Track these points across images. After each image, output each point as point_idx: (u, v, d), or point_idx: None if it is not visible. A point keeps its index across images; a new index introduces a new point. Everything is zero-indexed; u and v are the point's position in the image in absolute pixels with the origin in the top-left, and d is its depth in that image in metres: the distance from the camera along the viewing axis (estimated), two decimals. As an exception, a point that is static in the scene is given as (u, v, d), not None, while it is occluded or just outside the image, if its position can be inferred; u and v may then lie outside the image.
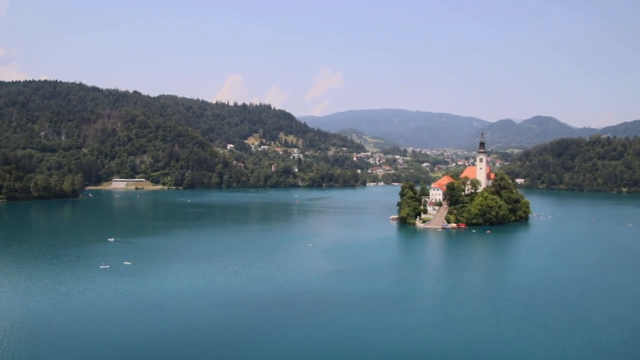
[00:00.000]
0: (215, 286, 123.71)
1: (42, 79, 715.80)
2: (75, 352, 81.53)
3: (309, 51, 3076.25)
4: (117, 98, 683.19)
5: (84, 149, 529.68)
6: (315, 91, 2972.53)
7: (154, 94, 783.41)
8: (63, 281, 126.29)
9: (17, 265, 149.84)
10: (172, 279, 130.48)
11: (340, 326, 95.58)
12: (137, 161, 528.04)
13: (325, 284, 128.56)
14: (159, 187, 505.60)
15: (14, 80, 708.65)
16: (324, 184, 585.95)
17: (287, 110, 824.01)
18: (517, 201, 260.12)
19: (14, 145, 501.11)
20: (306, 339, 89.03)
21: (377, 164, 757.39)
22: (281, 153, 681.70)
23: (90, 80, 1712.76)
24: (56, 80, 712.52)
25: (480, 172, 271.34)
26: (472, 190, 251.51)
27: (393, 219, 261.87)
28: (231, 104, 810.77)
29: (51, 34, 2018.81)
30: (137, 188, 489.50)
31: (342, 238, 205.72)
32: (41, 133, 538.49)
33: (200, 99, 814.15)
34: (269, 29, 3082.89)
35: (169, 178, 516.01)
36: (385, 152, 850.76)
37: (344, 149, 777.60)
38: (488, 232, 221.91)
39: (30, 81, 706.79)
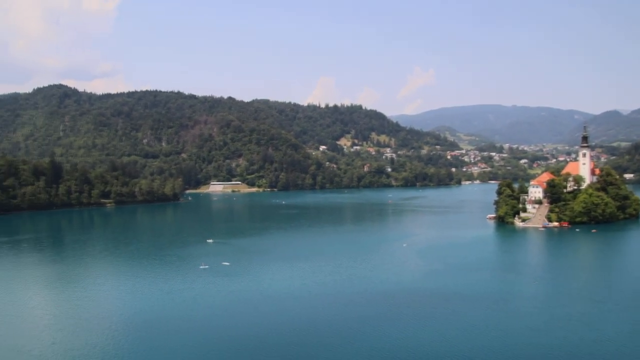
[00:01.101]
0: (310, 286, 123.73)
1: (144, 89, 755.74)
2: (177, 348, 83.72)
3: (401, 50, 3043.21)
4: (212, 104, 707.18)
5: (183, 154, 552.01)
6: (407, 90, 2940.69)
7: (247, 99, 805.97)
8: (166, 280, 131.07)
9: (124, 265, 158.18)
10: (268, 278, 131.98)
11: (436, 328, 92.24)
12: (233, 164, 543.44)
13: (421, 284, 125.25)
14: (254, 189, 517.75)
15: (119, 92, 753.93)
16: (417, 184, 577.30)
17: (378, 110, 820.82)
18: (626, 198, 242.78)
19: (120, 153, 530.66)
20: (401, 339, 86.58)
21: (472, 161, 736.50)
22: (373, 153, 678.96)
23: (187, 88, 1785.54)
24: (156, 90, 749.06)
25: (583, 168, 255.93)
26: (575, 187, 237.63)
27: (490, 218, 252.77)
28: (322, 105, 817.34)
29: (151, 47, 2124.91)
30: (233, 191, 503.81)
31: (437, 238, 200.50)
32: (144, 140, 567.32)
33: (292, 102, 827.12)
34: (360, 30, 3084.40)
35: (264, 180, 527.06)
36: (481, 150, 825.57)
37: (438, 147, 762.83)
38: (594, 231, 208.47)
39: (133, 92, 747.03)
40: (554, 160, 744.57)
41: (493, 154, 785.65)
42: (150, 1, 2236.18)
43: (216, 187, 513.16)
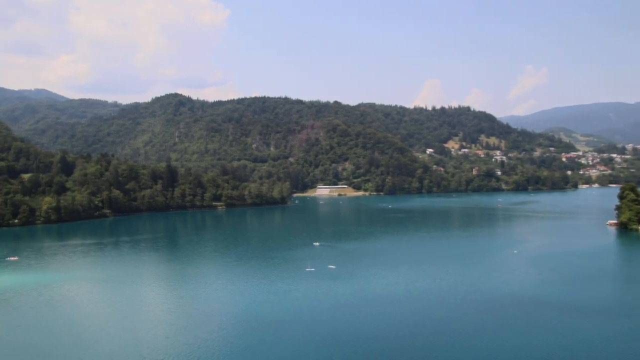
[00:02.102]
0: (415, 291, 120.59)
1: (253, 95, 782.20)
2: (281, 347, 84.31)
3: (512, 50, 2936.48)
4: (319, 109, 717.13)
5: (290, 159, 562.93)
6: (518, 90, 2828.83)
7: (353, 102, 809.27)
8: (272, 281, 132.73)
9: (233, 265, 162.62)
10: (373, 283, 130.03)
11: (551, 341, 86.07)
12: (340, 168, 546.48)
13: (532, 293, 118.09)
14: (360, 193, 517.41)
15: (230, 99, 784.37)
16: (529, 187, 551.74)
17: (487, 112, 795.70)
18: None
19: (230, 157, 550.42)
20: (509, 349, 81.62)
21: (590, 164, 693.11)
22: (482, 156, 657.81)
23: (294, 94, 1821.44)
24: (264, 96, 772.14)
25: None
26: None
27: (611, 225, 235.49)
28: (429, 108, 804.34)
29: (259, 55, 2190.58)
30: (339, 194, 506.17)
31: (551, 245, 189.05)
32: (253, 145, 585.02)
33: (399, 105, 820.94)
34: (467, 31, 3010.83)
35: (370, 184, 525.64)
36: (600, 151, 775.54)
37: (552, 149, 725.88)
38: None
39: (242, 99, 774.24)
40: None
41: (614, 155, 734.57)
42: (257, 12, 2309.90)
43: (323, 191, 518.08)
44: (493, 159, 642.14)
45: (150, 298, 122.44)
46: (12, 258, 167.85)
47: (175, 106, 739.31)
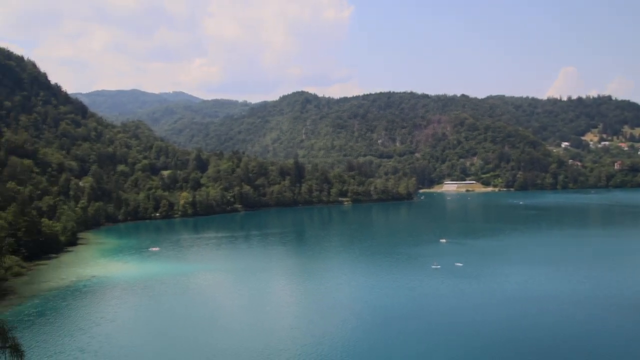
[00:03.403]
0: (545, 292, 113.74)
1: (378, 91, 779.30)
2: (404, 343, 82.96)
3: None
4: (445, 103, 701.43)
5: (416, 154, 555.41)
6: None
7: (481, 95, 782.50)
8: (396, 278, 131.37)
9: (357, 260, 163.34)
10: (502, 282, 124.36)
11: None
12: (467, 163, 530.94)
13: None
14: (489, 188, 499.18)
15: (355, 95, 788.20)
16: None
17: (631, 100, 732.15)
18: None
19: (356, 153, 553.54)
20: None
21: None
22: (626, 149, 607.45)
23: (419, 88, 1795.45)
24: (390, 92, 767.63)
25: None
26: None
27: None
28: (564, 98, 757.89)
29: (383, 50, 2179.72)
30: (467, 190, 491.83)
31: None
32: (378, 141, 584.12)
33: (530, 97, 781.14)
34: (607, 13, 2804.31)
35: (500, 180, 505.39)
36: None
37: None
38: None
39: (367, 94, 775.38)
40: None
41: None
42: (381, 5, 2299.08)
43: (450, 187, 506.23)
44: (639, 152, 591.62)
45: (278, 290, 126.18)
46: (154, 249, 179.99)
47: (301, 104, 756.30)
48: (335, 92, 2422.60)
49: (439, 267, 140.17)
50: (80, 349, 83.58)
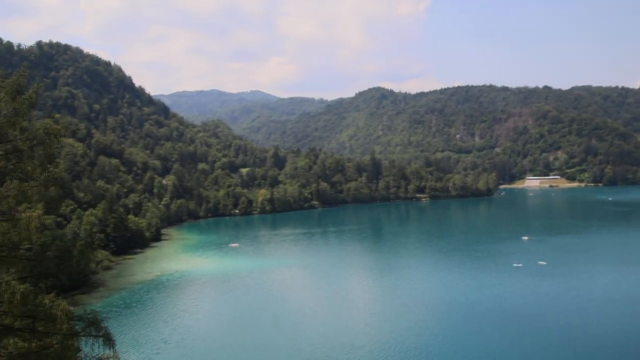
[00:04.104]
0: (636, 294, 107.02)
1: (455, 85, 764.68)
2: (483, 341, 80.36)
3: None
4: (527, 95, 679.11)
5: (496, 149, 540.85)
6: None
7: (565, 86, 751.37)
8: (475, 275, 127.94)
9: (435, 257, 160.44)
10: (588, 282, 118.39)
11: None
12: (551, 158, 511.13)
13: None
14: (575, 184, 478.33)
15: (432, 90, 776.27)
16: None
17: None
18: None
19: (434, 149, 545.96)
20: None
21: None
22: None
23: (499, 80, 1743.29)
24: (468, 85, 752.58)
25: None
26: None
27: None
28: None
29: (460, 43, 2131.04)
30: (551, 186, 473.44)
31: None
32: (457, 136, 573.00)
33: (620, 86, 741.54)
34: None
35: (586, 174, 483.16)
36: None
37: None
38: None
39: (445, 89, 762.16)
40: None
41: None
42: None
43: (532, 182, 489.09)
44: None
45: (353, 286, 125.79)
46: (233, 245, 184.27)
47: (377, 100, 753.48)
48: (411, 87, 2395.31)
49: (520, 265, 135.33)
50: (163, 340, 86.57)
